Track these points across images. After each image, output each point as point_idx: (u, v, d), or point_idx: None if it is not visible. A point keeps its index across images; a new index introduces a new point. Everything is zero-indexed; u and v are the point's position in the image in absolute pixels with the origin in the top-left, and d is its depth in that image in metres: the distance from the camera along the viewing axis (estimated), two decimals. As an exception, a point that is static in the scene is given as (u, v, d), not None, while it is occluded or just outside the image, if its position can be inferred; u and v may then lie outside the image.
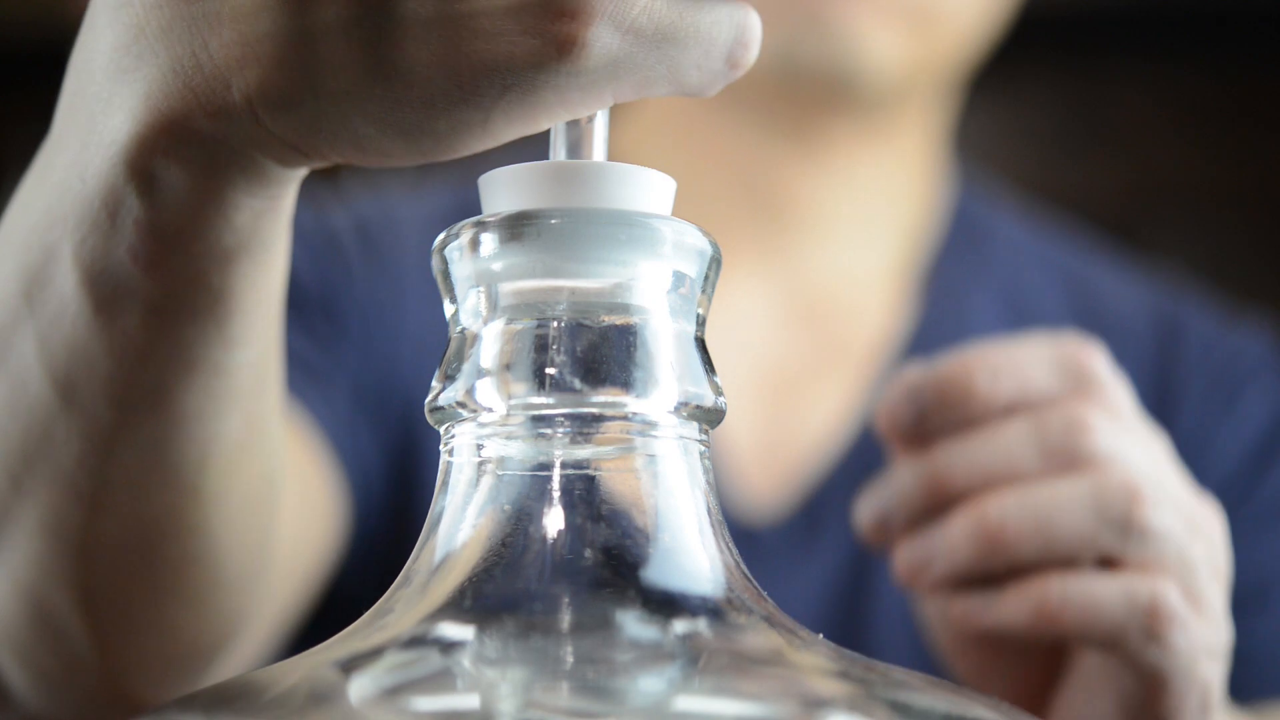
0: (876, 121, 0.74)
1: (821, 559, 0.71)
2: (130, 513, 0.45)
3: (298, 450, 0.67)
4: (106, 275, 0.39)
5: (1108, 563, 0.43)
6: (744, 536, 0.70)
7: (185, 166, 0.36)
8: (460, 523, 0.35)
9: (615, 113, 0.36)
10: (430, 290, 0.76)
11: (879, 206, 0.78)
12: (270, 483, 0.49)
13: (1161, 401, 0.75)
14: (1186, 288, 0.84)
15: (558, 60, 0.33)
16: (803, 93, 0.72)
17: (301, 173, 0.38)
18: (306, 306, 0.73)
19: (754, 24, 0.35)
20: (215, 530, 0.46)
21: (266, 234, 0.40)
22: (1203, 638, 0.42)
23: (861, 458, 0.72)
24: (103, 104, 0.37)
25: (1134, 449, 0.43)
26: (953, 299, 0.77)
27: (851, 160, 0.76)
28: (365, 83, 0.34)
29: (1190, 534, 0.42)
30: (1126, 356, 0.48)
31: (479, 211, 0.36)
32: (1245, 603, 0.52)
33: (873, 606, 0.70)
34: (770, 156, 0.75)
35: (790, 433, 0.74)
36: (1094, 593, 0.40)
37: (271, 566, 0.52)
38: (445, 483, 0.35)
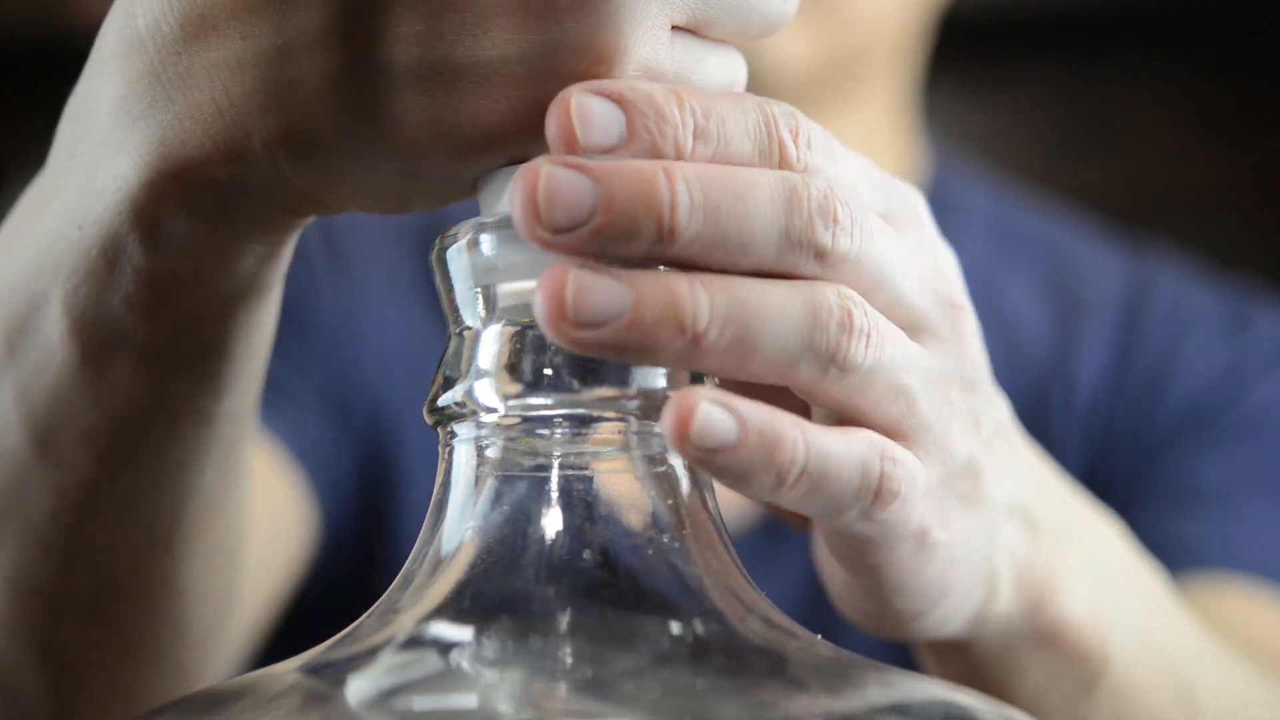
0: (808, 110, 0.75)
1: (793, 558, 0.71)
2: (99, 568, 0.44)
3: (266, 472, 0.66)
4: (98, 325, 0.38)
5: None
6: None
7: (194, 215, 0.36)
8: (458, 523, 0.35)
9: None
10: (393, 293, 0.76)
11: None
12: (239, 536, 0.48)
13: (1125, 360, 0.76)
14: (1163, 256, 0.85)
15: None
16: None
17: (309, 220, 0.38)
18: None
19: None
20: (183, 585, 0.45)
21: (265, 282, 0.39)
22: (922, 485, 0.37)
23: None
24: (109, 150, 0.36)
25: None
26: None
27: None
28: (396, 131, 0.34)
29: (916, 355, 0.37)
30: (1102, 326, 0.45)
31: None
32: (1211, 503, 0.50)
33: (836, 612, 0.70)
34: None
35: None
36: (829, 461, 0.34)
37: (235, 619, 0.51)
38: (444, 483, 0.35)
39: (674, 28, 0.34)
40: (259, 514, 0.59)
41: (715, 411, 0.32)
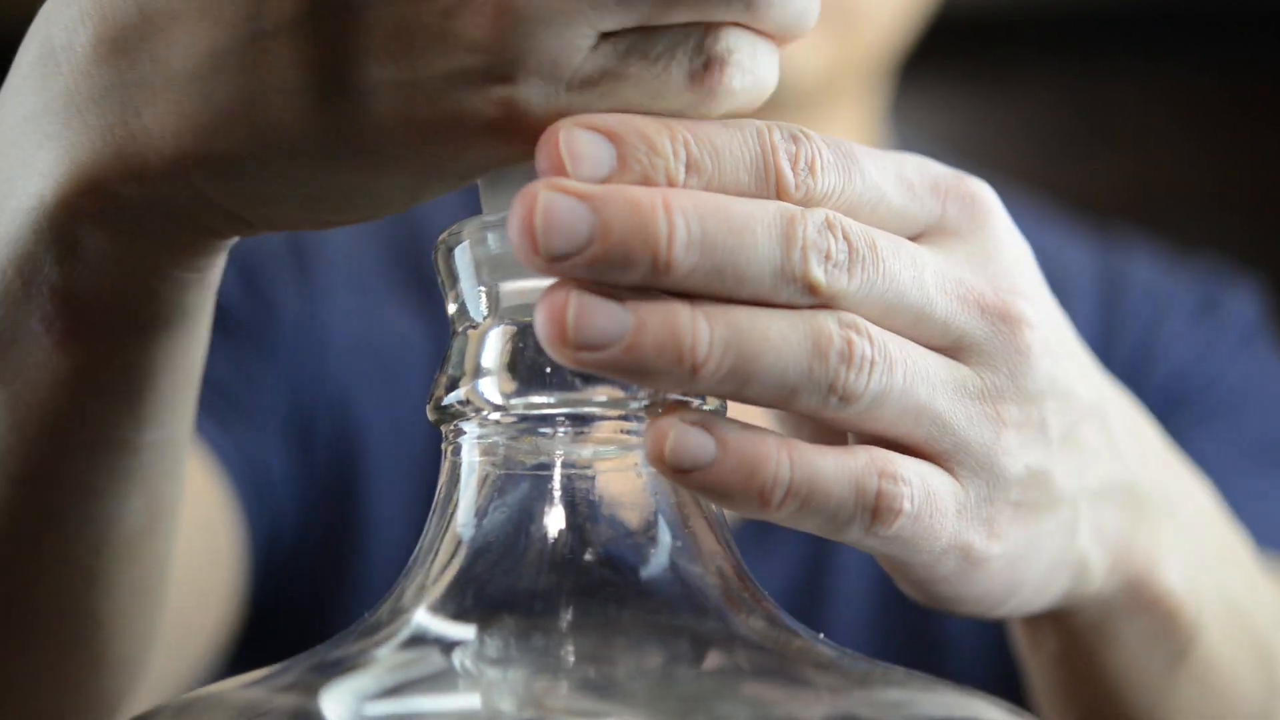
0: (801, 122, 0.75)
1: (777, 554, 0.71)
2: (16, 593, 0.43)
3: (202, 491, 0.66)
4: (14, 346, 0.38)
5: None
6: None
7: (110, 234, 0.36)
8: (461, 522, 0.35)
9: None
10: (361, 295, 0.76)
11: None
12: (165, 568, 0.47)
13: (1106, 349, 0.77)
14: (1131, 244, 0.85)
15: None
16: None
17: (231, 242, 0.38)
18: (235, 331, 0.72)
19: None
20: (103, 616, 0.44)
21: (190, 308, 0.39)
22: (951, 504, 0.36)
23: None
24: (24, 167, 0.36)
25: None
26: None
27: None
28: (317, 143, 0.33)
29: (940, 375, 0.36)
30: (1074, 315, 0.45)
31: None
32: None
33: (829, 599, 0.70)
34: None
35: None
36: (819, 480, 0.34)
37: (157, 651, 0.50)
38: (446, 482, 0.35)
39: (608, 34, 0.33)
40: (194, 538, 0.60)
41: (693, 433, 0.33)
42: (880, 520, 0.35)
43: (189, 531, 0.59)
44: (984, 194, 0.38)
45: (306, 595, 0.73)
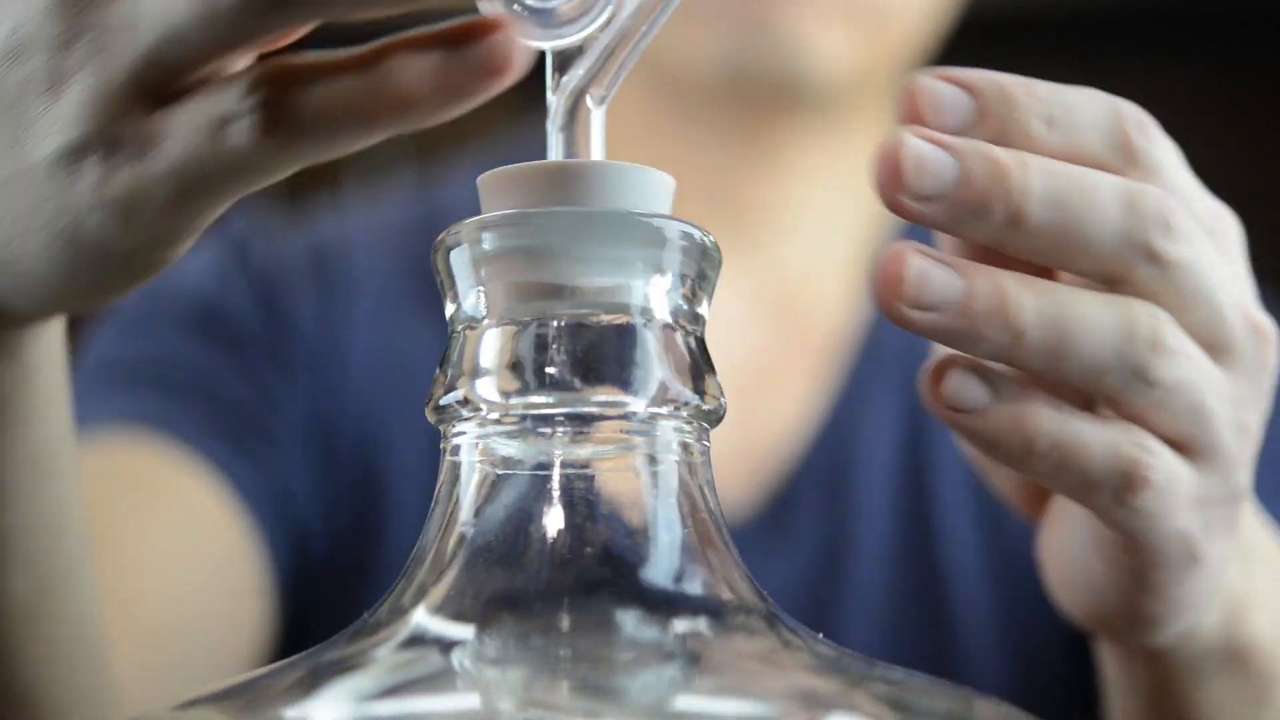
0: (830, 120, 0.75)
1: (791, 550, 0.72)
2: None
3: (220, 524, 0.66)
4: None
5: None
6: None
7: None
8: (460, 522, 0.35)
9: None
10: (383, 308, 0.76)
11: (838, 202, 0.78)
12: (81, 627, 0.46)
13: None
14: None
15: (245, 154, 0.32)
16: (755, 97, 0.73)
17: (27, 344, 0.38)
18: (250, 349, 0.72)
19: None
20: (20, 678, 0.44)
21: (13, 403, 0.39)
22: (1189, 492, 0.38)
23: (827, 450, 0.74)
24: None
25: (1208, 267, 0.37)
26: None
27: (808, 159, 0.76)
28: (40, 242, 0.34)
29: (1217, 378, 0.38)
30: None
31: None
32: None
33: (843, 596, 0.71)
34: (728, 160, 0.76)
35: (758, 428, 0.74)
36: (1081, 439, 0.36)
37: (108, 691, 0.49)
38: (445, 482, 0.35)
39: None
40: (216, 574, 0.62)
41: (969, 379, 0.36)
42: (1131, 488, 0.36)
43: (210, 569, 0.62)
44: (1233, 220, 0.41)
45: (338, 605, 0.73)
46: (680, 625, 0.33)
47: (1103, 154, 0.36)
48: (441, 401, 0.35)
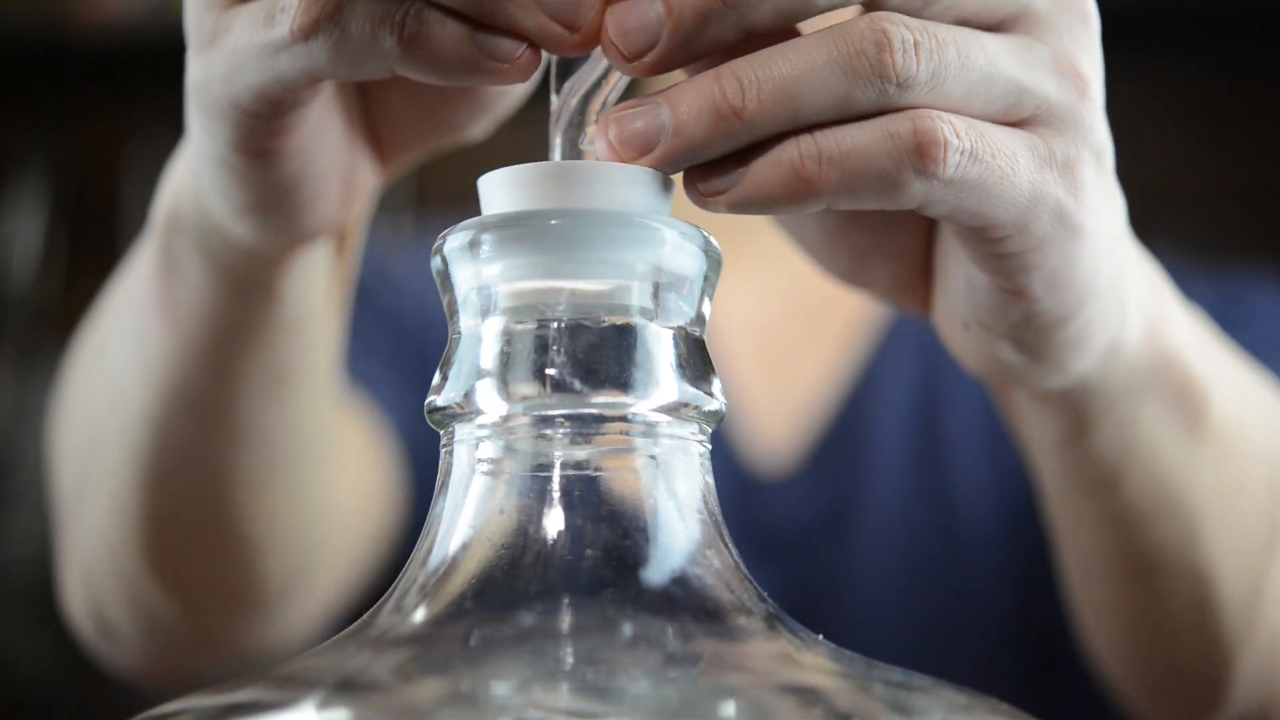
0: None
1: (820, 491, 0.78)
2: (185, 482, 0.55)
3: (356, 425, 0.73)
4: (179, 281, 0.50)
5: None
6: (755, 488, 0.78)
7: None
8: (460, 524, 0.35)
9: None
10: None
11: None
12: (303, 502, 0.58)
13: None
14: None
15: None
16: None
17: (275, 277, 0.48)
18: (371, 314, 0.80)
19: None
20: (248, 533, 0.54)
21: (256, 321, 0.50)
22: (1027, 155, 0.36)
23: (852, 406, 0.80)
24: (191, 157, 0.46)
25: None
26: None
27: None
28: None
29: (996, 45, 0.36)
30: None
31: None
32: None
33: (861, 530, 0.78)
34: None
35: (792, 387, 0.81)
36: (849, 139, 0.35)
37: (326, 517, 0.61)
38: (445, 483, 0.35)
39: None
40: (355, 460, 0.71)
41: (718, 168, 0.35)
42: (928, 157, 0.35)
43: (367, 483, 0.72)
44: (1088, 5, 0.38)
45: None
46: (680, 626, 0.33)
47: None
48: (441, 403, 0.35)
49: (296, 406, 0.54)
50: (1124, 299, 0.42)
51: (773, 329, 0.83)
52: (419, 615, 0.33)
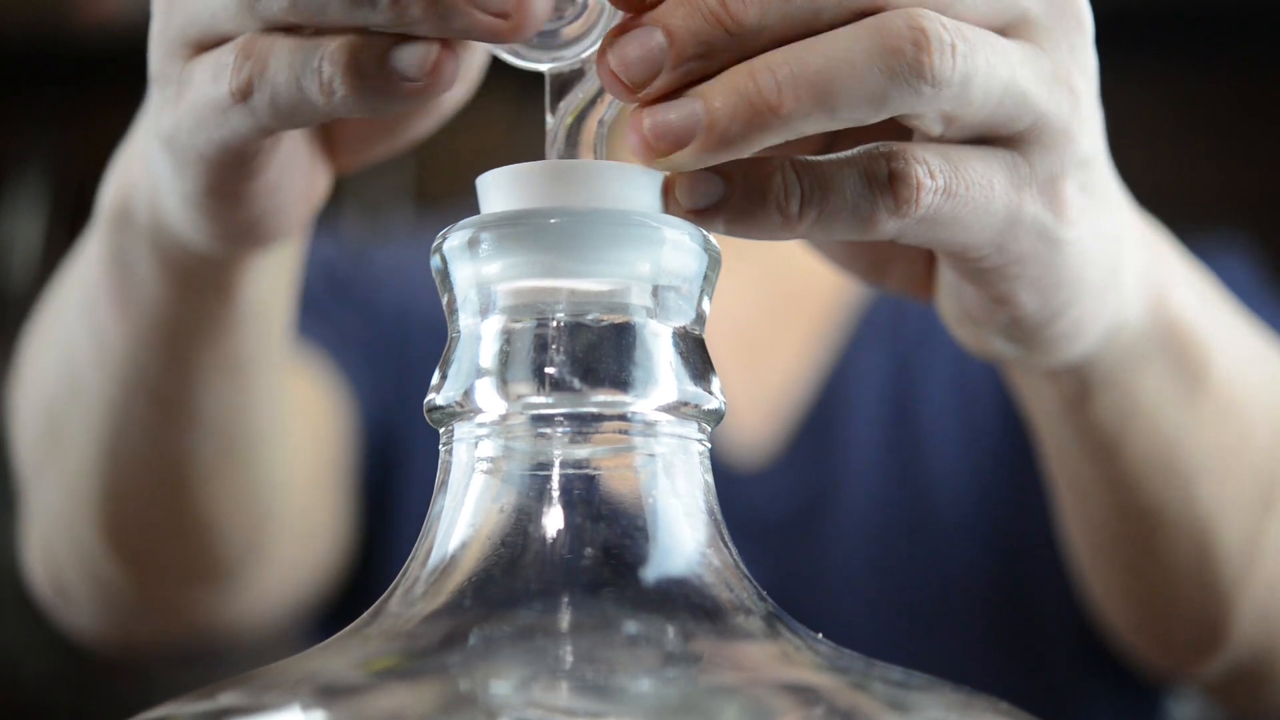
0: None
1: (797, 480, 0.79)
2: (142, 463, 0.56)
3: (306, 382, 0.74)
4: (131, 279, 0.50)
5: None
6: (732, 479, 0.78)
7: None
8: (460, 522, 0.35)
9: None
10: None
11: None
12: (259, 481, 0.60)
13: None
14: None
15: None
16: None
17: (233, 278, 0.49)
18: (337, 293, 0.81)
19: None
20: (206, 513, 0.57)
21: (212, 317, 0.51)
22: (1005, 176, 0.36)
23: (827, 396, 0.81)
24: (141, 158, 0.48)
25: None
26: None
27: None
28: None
29: (1014, 53, 0.36)
30: None
31: None
32: None
33: (838, 514, 0.78)
34: None
35: (767, 379, 0.81)
36: (827, 174, 0.35)
37: (279, 495, 0.63)
38: (444, 482, 0.35)
39: None
40: (305, 422, 0.71)
41: (700, 177, 0.35)
42: (901, 196, 0.35)
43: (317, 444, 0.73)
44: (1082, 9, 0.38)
45: (339, 580, 0.79)
46: (680, 625, 0.33)
47: None
48: (440, 401, 0.35)
49: (252, 392, 0.56)
50: (1120, 287, 0.43)
51: (746, 321, 0.83)
52: (418, 614, 0.33)
